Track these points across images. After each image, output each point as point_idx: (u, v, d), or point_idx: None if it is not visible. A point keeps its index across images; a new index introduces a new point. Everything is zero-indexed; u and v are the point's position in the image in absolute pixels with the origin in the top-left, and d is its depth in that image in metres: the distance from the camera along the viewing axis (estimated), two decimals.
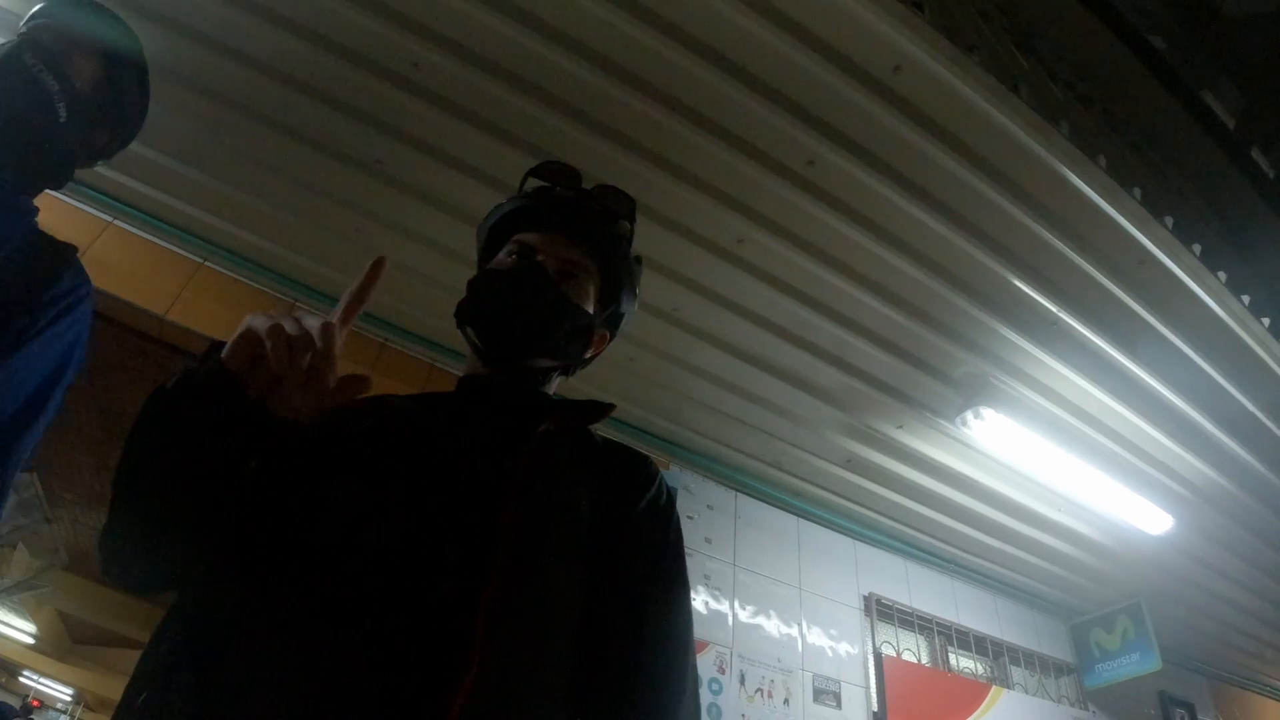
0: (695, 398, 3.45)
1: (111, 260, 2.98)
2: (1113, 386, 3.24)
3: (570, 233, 1.18)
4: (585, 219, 1.20)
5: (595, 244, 1.19)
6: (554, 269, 1.13)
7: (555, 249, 1.15)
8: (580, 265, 1.16)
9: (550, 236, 1.16)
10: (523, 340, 1.13)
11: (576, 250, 1.17)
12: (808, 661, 3.65)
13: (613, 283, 1.22)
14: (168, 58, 2.44)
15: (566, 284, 1.14)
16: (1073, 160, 2.57)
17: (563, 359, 1.18)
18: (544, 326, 1.12)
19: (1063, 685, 4.60)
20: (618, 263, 1.22)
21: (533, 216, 1.20)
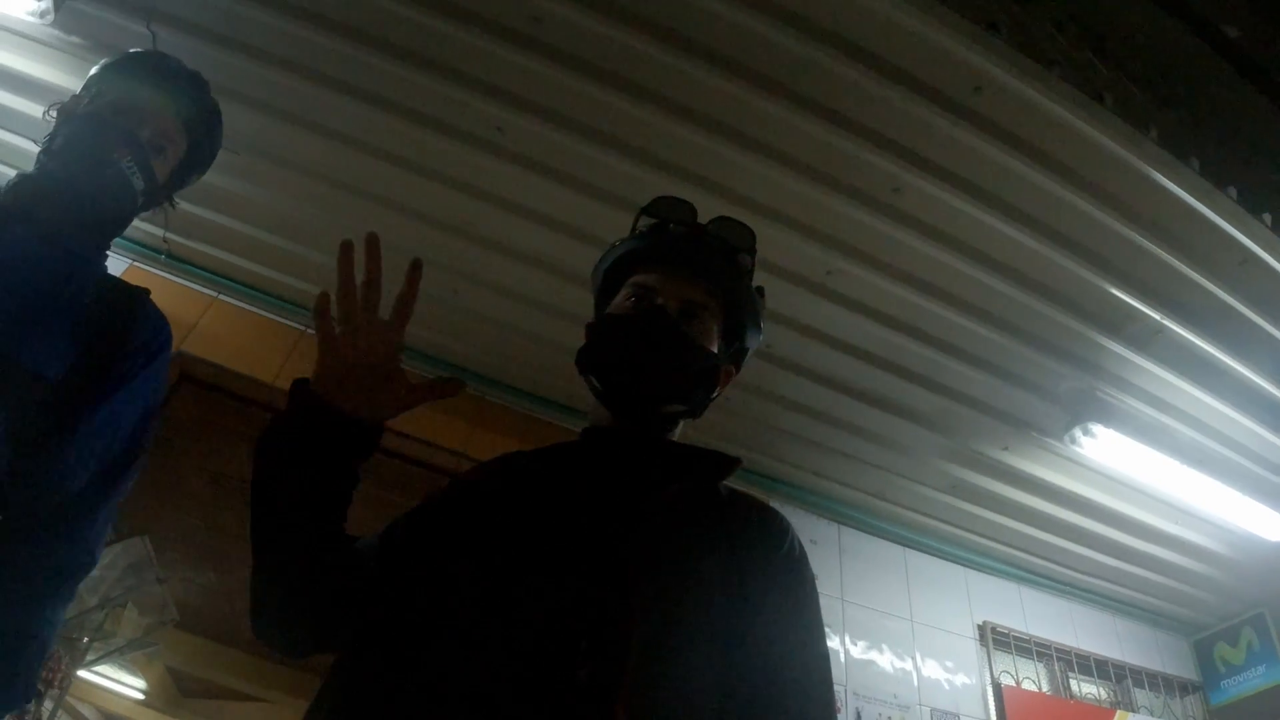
0: (792, 431, 3.43)
1: (219, 333, 3.13)
2: (1222, 391, 3.11)
3: (689, 271, 1.14)
4: (703, 255, 1.16)
5: (716, 280, 1.15)
6: (675, 310, 1.09)
7: (675, 289, 1.11)
8: (702, 304, 1.12)
9: (669, 276, 1.12)
10: (649, 388, 1.09)
11: (697, 289, 1.12)
12: (924, 695, 3.55)
13: (736, 319, 1.17)
14: (256, 136, 2.59)
15: (689, 325, 1.10)
16: (1165, 165, 2.50)
17: (690, 404, 1.14)
18: (670, 372, 1.08)
19: (1188, 705, 4.37)
20: (740, 298, 1.17)
21: (649, 256, 1.16)
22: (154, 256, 3.16)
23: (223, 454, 4.55)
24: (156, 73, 1.41)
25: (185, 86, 1.45)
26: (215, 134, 1.53)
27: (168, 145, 1.39)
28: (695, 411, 1.17)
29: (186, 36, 2.39)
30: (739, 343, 1.20)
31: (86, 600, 5.69)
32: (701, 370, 1.11)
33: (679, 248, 1.16)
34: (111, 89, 1.36)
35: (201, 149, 1.49)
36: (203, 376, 3.20)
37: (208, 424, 4.17)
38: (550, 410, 3.44)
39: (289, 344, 3.21)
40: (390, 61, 2.34)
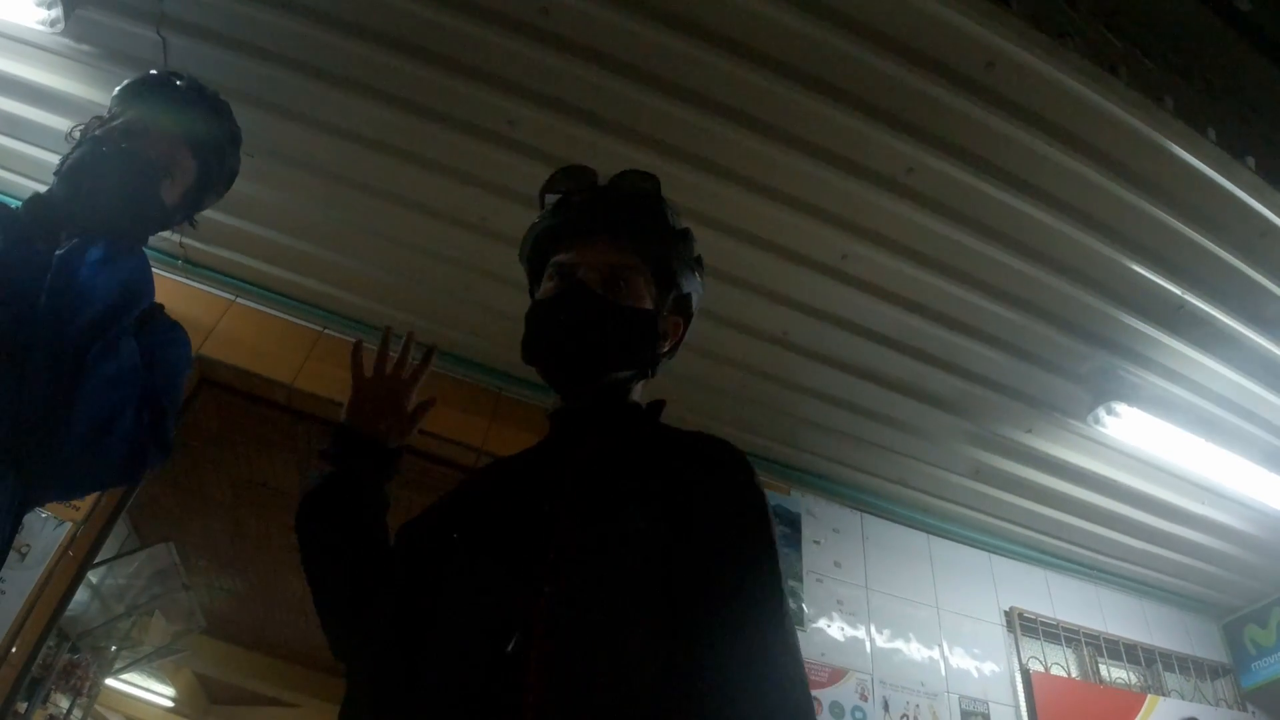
0: (811, 419, 3.42)
1: (237, 336, 3.15)
2: (1248, 367, 3.07)
3: (602, 235, 1.12)
4: (611, 215, 1.13)
5: (631, 236, 1.12)
6: (597, 280, 1.08)
7: (592, 258, 1.10)
8: (624, 264, 1.10)
9: (585, 247, 1.11)
10: (583, 364, 1.09)
11: (615, 251, 1.11)
12: (953, 683, 3.52)
13: (664, 267, 1.14)
14: (268, 138, 2.60)
15: (616, 289, 1.09)
16: (1181, 136, 2.46)
17: (634, 365, 1.12)
18: (600, 343, 1.07)
19: (1219, 688, 4.30)
20: (661, 244, 1.14)
21: (561, 232, 1.15)
22: (170, 262, 3.18)
23: (245, 459, 4.59)
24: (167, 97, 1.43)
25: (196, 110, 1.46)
26: (228, 157, 1.54)
27: (175, 168, 1.40)
28: (645, 370, 1.15)
29: (196, 41, 2.40)
30: (676, 290, 1.17)
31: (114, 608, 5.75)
32: (635, 331, 1.10)
33: (586, 216, 1.14)
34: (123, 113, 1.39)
35: (212, 173, 1.50)
36: (223, 380, 3.22)
37: (229, 429, 4.20)
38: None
39: (308, 344, 3.22)
40: (399, 58, 2.35)
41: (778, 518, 3.58)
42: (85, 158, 1.30)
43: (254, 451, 4.45)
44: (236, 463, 4.67)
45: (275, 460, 4.53)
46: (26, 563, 2.62)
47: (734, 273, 2.82)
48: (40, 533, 2.66)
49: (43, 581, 2.63)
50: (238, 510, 5.43)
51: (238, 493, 5.14)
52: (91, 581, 5.07)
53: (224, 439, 4.35)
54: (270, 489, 4.94)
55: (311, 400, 3.17)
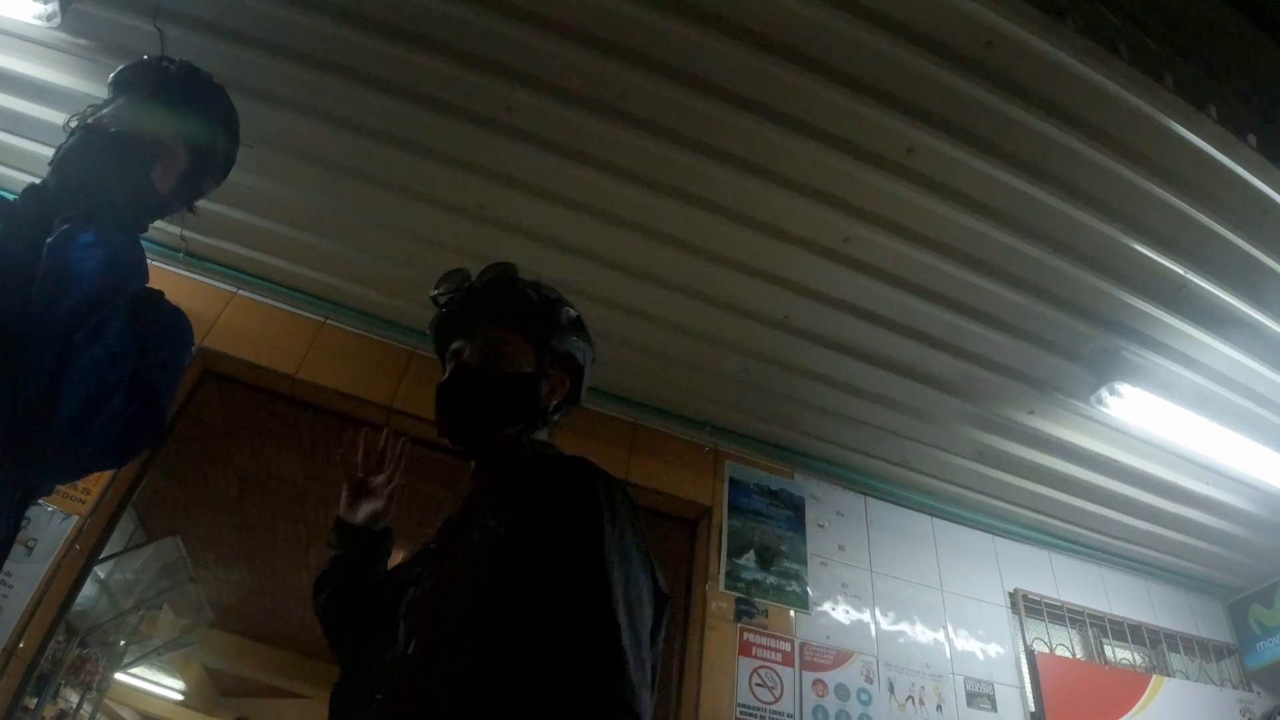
0: (814, 403, 3.42)
1: (240, 328, 3.16)
2: (1251, 346, 3.05)
3: (478, 321, 1.35)
4: (481, 303, 1.36)
5: (502, 315, 1.34)
6: (478, 358, 1.31)
7: (475, 340, 1.33)
8: (500, 339, 1.32)
9: (468, 332, 1.35)
10: (471, 428, 1.32)
11: (491, 330, 1.33)
12: (958, 665, 3.54)
13: (536, 334, 1.35)
14: (266, 128, 2.60)
15: (499, 361, 1.31)
16: (1182, 114, 2.45)
17: (519, 420, 1.32)
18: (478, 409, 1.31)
19: (1224, 668, 4.31)
20: (529, 317, 1.36)
21: (448, 326, 1.39)
22: (172, 255, 3.18)
23: (249, 451, 4.59)
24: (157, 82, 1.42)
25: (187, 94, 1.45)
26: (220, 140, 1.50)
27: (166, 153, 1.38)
28: (533, 423, 1.34)
29: (193, 32, 2.40)
30: (551, 351, 1.36)
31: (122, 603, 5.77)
32: (514, 392, 1.31)
33: (463, 309, 1.38)
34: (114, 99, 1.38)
35: (205, 157, 1.48)
36: (226, 372, 3.23)
37: (233, 421, 4.21)
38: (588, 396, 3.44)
39: (310, 335, 3.23)
40: (396, 45, 2.35)
41: (781, 501, 3.60)
42: (75, 145, 1.30)
43: (259, 443, 4.45)
44: (241, 455, 4.67)
45: (280, 451, 4.53)
46: (33, 557, 2.64)
47: (734, 257, 2.82)
48: (46, 527, 2.67)
49: (49, 576, 2.65)
50: (243, 502, 5.44)
51: (243, 485, 5.14)
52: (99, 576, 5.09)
53: (228, 431, 4.35)
54: (275, 480, 4.94)
55: (314, 390, 3.18)
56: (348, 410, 3.28)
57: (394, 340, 3.32)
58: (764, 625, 3.29)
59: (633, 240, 2.80)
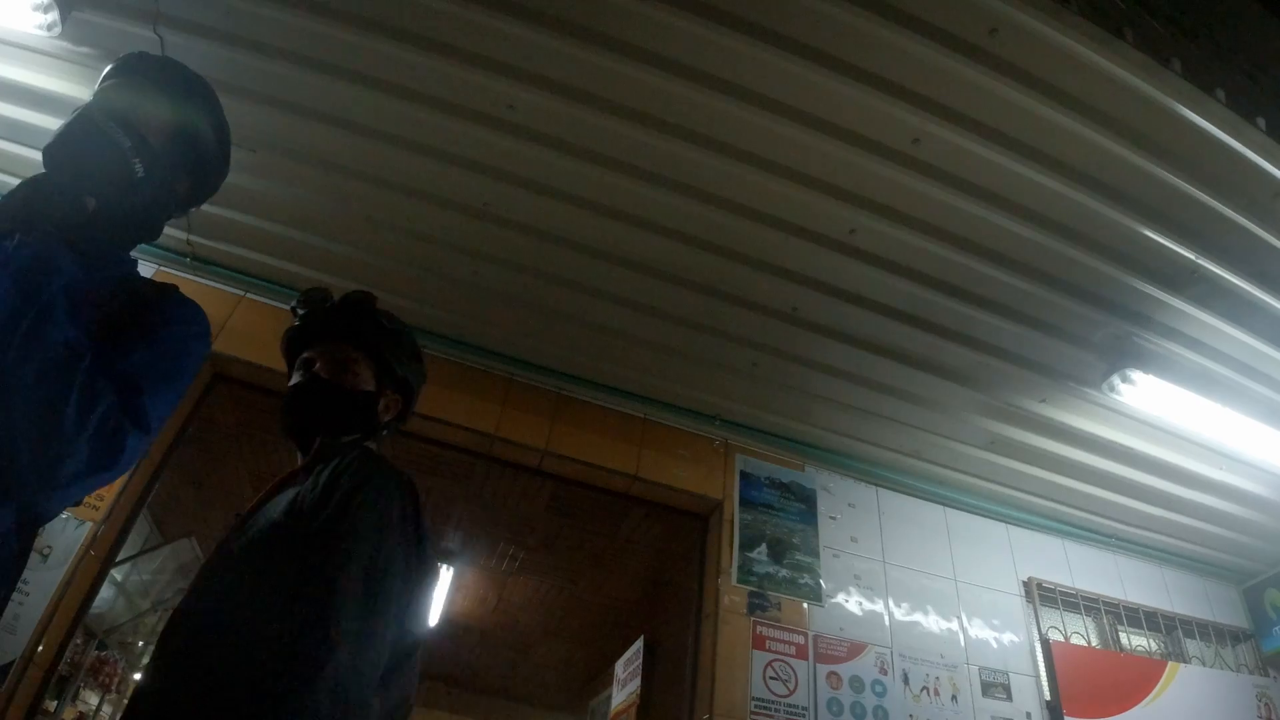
0: (824, 395, 3.42)
1: (249, 331, 3.17)
2: (1264, 330, 3.03)
3: (332, 337, 1.52)
4: (338, 323, 1.53)
5: (354, 336, 1.52)
6: (327, 369, 1.48)
7: (326, 353, 1.50)
8: (349, 357, 1.50)
9: (320, 345, 1.52)
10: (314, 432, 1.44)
11: (343, 348, 1.50)
12: (972, 655, 3.53)
13: (380, 357, 1.53)
14: (269, 131, 2.61)
15: (343, 376, 1.48)
16: (1189, 98, 2.42)
17: (355, 430, 1.49)
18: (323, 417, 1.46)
19: (1240, 653, 4.30)
20: (377, 343, 1.53)
21: (305, 336, 1.56)
22: (179, 260, 3.19)
23: (262, 453, 4.62)
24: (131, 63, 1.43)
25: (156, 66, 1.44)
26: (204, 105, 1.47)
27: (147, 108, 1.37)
28: (368, 433, 1.51)
29: (193, 38, 2.40)
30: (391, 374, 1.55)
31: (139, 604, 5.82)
32: (354, 405, 1.49)
33: (320, 325, 1.54)
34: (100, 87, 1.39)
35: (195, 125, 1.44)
36: (236, 375, 3.24)
37: (245, 423, 4.23)
38: (580, 387, 3.46)
39: None
40: (397, 46, 2.34)
41: (792, 494, 3.60)
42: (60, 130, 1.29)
43: (270, 444, 4.47)
44: (254, 456, 4.70)
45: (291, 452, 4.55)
46: (49, 564, 2.65)
47: (740, 250, 2.81)
48: (61, 533, 2.69)
49: (65, 582, 2.66)
50: None
51: (256, 485, 5.17)
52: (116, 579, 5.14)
53: (240, 433, 4.38)
54: None
55: None
56: None
57: None
58: (777, 618, 3.29)
59: (638, 235, 2.79)
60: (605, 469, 3.42)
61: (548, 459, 3.38)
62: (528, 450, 3.35)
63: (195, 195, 1.52)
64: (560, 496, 4.27)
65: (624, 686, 5.28)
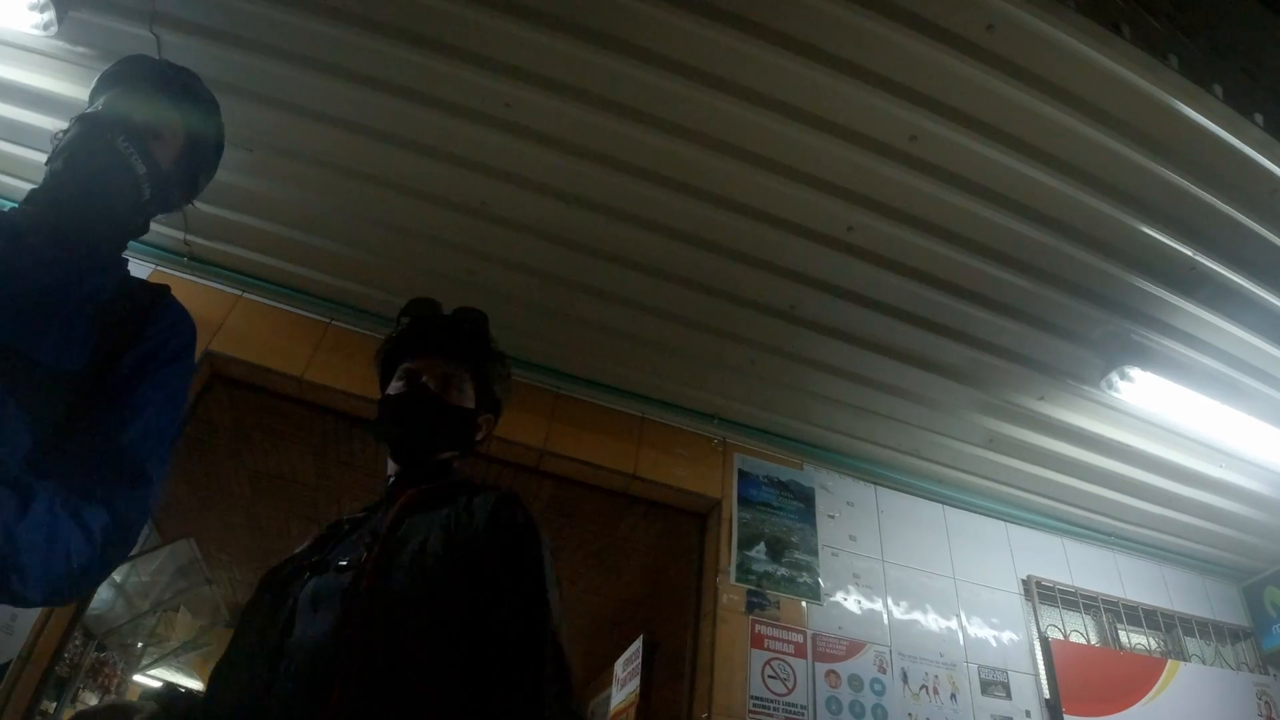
0: (822, 394, 3.41)
1: (246, 331, 3.17)
2: (1262, 326, 3.03)
3: (441, 352, 1.47)
4: (449, 337, 1.49)
5: (462, 354, 1.48)
6: (436, 385, 1.43)
7: (433, 368, 1.45)
8: (456, 375, 1.45)
9: (427, 358, 1.46)
10: (422, 445, 1.43)
11: (450, 364, 1.46)
12: (971, 653, 3.53)
13: (484, 380, 1.49)
14: (266, 131, 2.60)
15: (448, 393, 1.43)
16: (1187, 94, 2.42)
17: (457, 448, 1.46)
18: (434, 431, 1.43)
19: (1240, 651, 4.30)
20: (483, 363, 1.50)
21: (410, 346, 1.50)
22: (176, 260, 3.19)
23: (260, 453, 4.61)
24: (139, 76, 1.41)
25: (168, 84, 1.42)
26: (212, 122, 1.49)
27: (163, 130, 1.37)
28: (464, 452, 1.48)
29: (190, 37, 2.40)
30: (490, 396, 1.52)
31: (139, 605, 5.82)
32: (460, 424, 1.45)
33: (430, 336, 1.50)
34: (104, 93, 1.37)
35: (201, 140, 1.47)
36: (234, 375, 3.24)
37: (242, 422, 4.22)
38: (580, 387, 3.45)
39: (316, 336, 3.23)
40: (393, 44, 2.34)
41: (790, 493, 3.60)
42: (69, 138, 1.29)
43: (268, 445, 4.47)
44: (252, 456, 4.70)
45: (290, 452, 4.55)
46: None
47: (738, 248, 2.81)
48: None
49: None
50: (255, 503, 5.47)
51: (255, 486, 5.17)
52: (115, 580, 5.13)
53: (238, 434, 4.37)
54: (287, 480, 4.97)
55: (322, 391, 3.19)
56: (355, 410, 3.28)
57: None
58: (776, 617, 3.28)
59: (636, 234, 2.79)
60: (604, 468, 3.41)
61: (546, 458, 3.38)
62: (526, 450, 3.34)
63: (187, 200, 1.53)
64: (559, 496, 4.26)
65: (623, 686, 5.29)
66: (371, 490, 4.82)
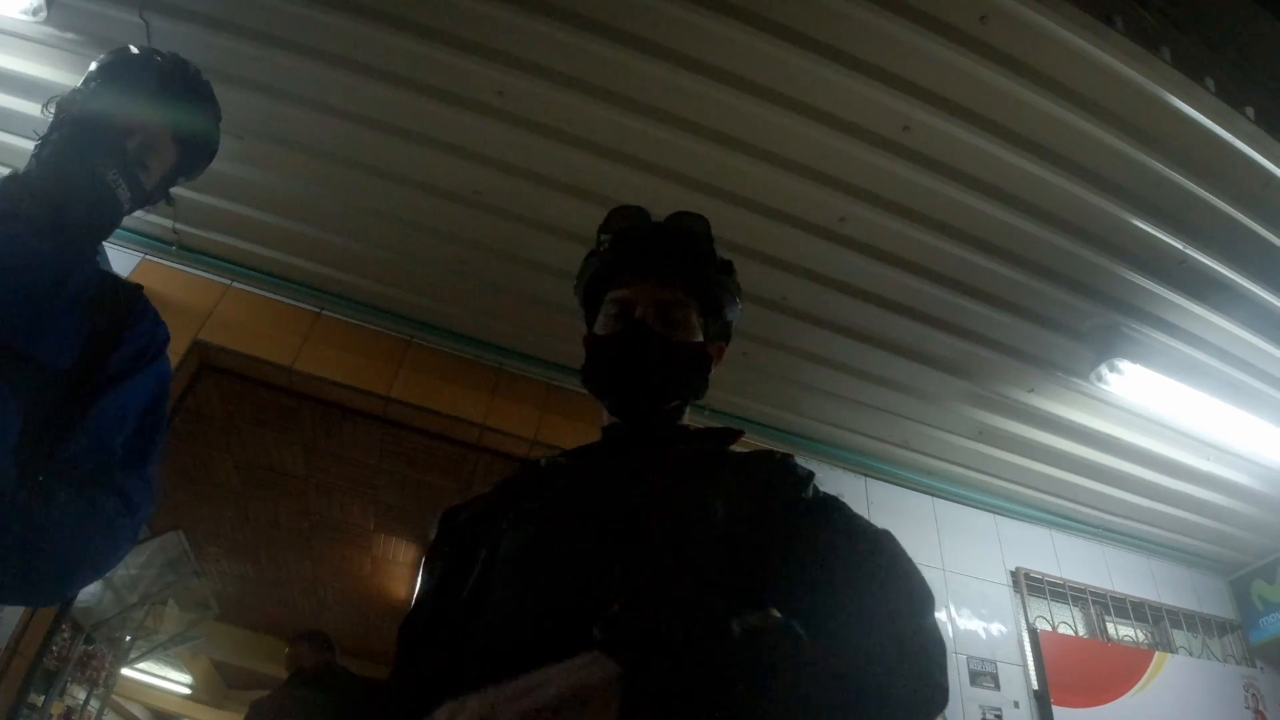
0: (813, 385, 3.41)
1: (235, 320, 3.15)
2: (1252, 321, 3.04)
3: (656, 273, 1.19)
4: (664, 254, 1.21)
5: (682, 274, 1.20)
6: (653, 316, 1.16)
7: (647, 295, 1.18)
8: (675, 301, 1.18)
9: (640, 285, 1.19)
10: (648, 398, 1.18)
11: (667, 289, 1.18)
12: (960, 644, 3.54)
13: (711, 300, 1.23)
14: (256, 118, 2.58)
15: (669, 325, 1.17)
16: (1179, 86, 2.43)
17: (687, 394, 1.22)
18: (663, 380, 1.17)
19: (1228, 644, 4.33)
20: (708, 281, 1.23)
21: (617, 270, 1.22)
22: (164, 248, 3.17)
23: (249, 444, 4.60)
24: (149, 79, 1.39)
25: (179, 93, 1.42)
26: (209, 139, 1.50)
27: (154, 156, 1.37)
28: (697, 396, 1.24)
29: (179, 22, 2.38)
30: (720, 319, 1.26)
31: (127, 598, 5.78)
32: (689, 364, 1.19)
33: (640, 254, 1.22)
34: (104, 93, 1.35)
35: (193, 155, 1.47)
36: (223, 364, 3.21)
37: (231, 413, 4.21)
38: (572, 378, 3.42)
39: (305, 326, 3.21)
40: (384, 31, 2.32)
41: None
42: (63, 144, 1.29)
43: (258, 436, 4.46)
44: (242, 448, 4.68)
45: (280, 444, 4.54)
46: None
47: (730, 238, 2.79)
48: None
49: None
50: (245, 495, 5.45)
51: (244, 478, 5.15)
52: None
53: (228, 425, 4.36)
54: (277, 472, 4.95)
55: (312, 381, 3.17)
56: (346, 401, 3.27)
57: (390, 330, 3.31)
58: None
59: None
60: None
61: (537, 449, 3.37)
62: (518, 440, 3.33)
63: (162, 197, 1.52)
64: None
65: None
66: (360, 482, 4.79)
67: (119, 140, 1.31)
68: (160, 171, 1.41)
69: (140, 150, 1.34)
